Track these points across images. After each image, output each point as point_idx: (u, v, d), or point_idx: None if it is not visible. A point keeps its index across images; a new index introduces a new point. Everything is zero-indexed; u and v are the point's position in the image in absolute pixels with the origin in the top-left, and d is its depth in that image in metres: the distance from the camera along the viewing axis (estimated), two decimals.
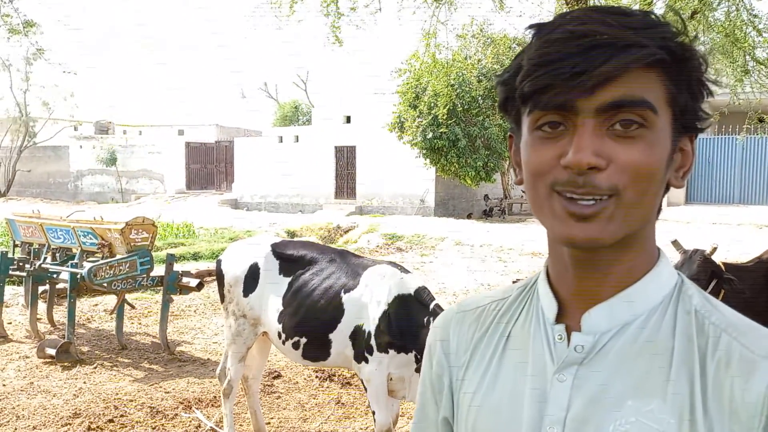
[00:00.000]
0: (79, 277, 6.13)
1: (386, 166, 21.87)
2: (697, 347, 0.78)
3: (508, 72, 0.82)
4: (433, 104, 16.45)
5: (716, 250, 4.07)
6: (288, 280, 3.92)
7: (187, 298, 8.46)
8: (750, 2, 8.44)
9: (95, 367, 5.95)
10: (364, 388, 3.68)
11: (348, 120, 23.59)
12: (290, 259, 4.00)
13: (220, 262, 4.25)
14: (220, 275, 4.21)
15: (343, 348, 3.68)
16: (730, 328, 0.78)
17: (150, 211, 19.32)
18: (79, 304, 7.73)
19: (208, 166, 30.97)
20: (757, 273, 4.25)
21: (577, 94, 0.74)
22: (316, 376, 5.70)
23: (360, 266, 3.81)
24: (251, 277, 4.03)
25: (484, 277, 10.65)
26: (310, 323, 3.75)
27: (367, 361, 3.57)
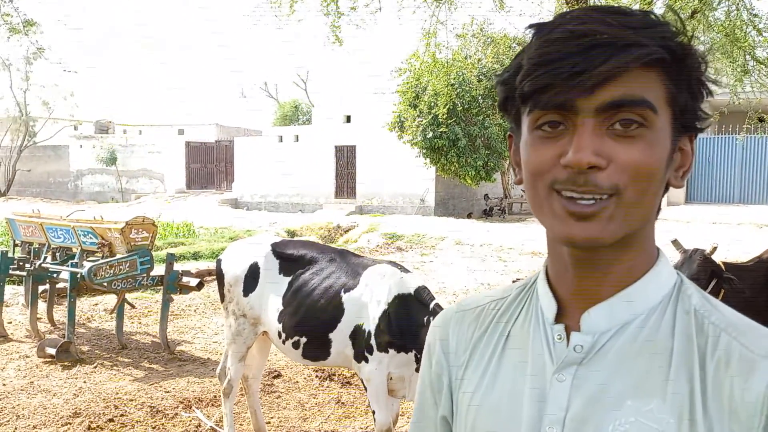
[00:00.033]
0: (79, 276, 6.14)
1: (386, 165, 21.87)
2: (696, 347, 0.78)
3: (507, 72, 0.82)
4: (433, 104, 16.43)
5: (716, 249, 4.06)
6: (288, 279, 3.92)
7: (187, 298, 8.46)
8: (750, 2, 8.45)
9: (95, 367, 5.95)
10: (364, 388, 3.68)
11: (348, 119, 23.59)
12: (290, 259, 4.00)
13: (220, 262, 4.26)
14: (220, 275, 4.21)
15: (343, 347, 3.68)
16: (729, 328, 0.78)
17: (150, 211, 19.33)
18: (79, 304, 7.73)
19: (208, 166, 30.97)
20: (757, 272, 4.25)
21: (576, 94, 0.74)
22: (316, 376, 5.70)
23: (360, 266, 3.81)
24: (251, 277, 4.03)
25: (484, 276, 10.65)
26: (310, 323, 3.75)
27: (367, 360, 3.57)
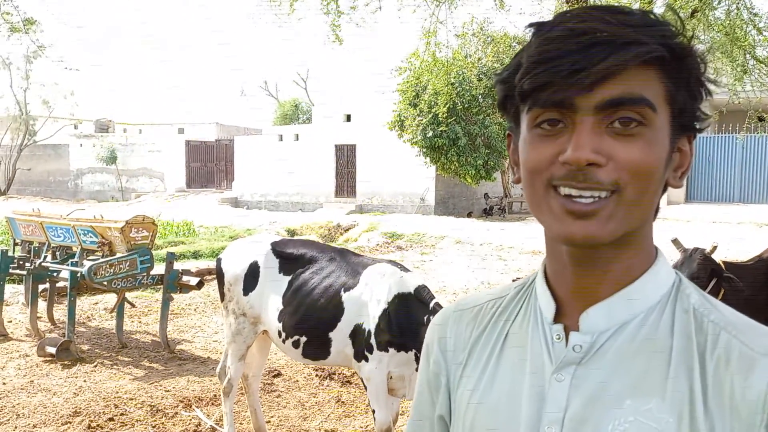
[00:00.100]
0: (79, 275, 6.14)
1: (386, 164, 21.86)
2: (696, 345, 0.77)
3: (507, 70, 0.82)
4: (434, 103, 16.42)
5: (716, 248, 4.06)
6: (288, 278, 3.92)
7: (188, 297, 8.46)
8: (750, 1, 8.43)
9: (95, 366, 5.95)
10: (364, 387, 3.68)
11: (348, 118, 23.58)
12: (290, 258, 4.00)
13: (220, 261, 4.26)
14: (220, 274, 4.21)
15: (343, 346, 3.68)
16: (729, 326, 0.78)
17: (150, 210, 19.34)
18: (80, 303, 7.74)
19: (209, 165, 30.97)
20: (757, 271, 4.25)
21: (576, 92, 0.74)
22: (316, 375, 5.70)
23: (360, 265, 3.81)
24: (251, 276, 4.03)
25: (485, 275, 10.64)
26: (310, 322, 3.74)
27: (367, 359, 3.57)
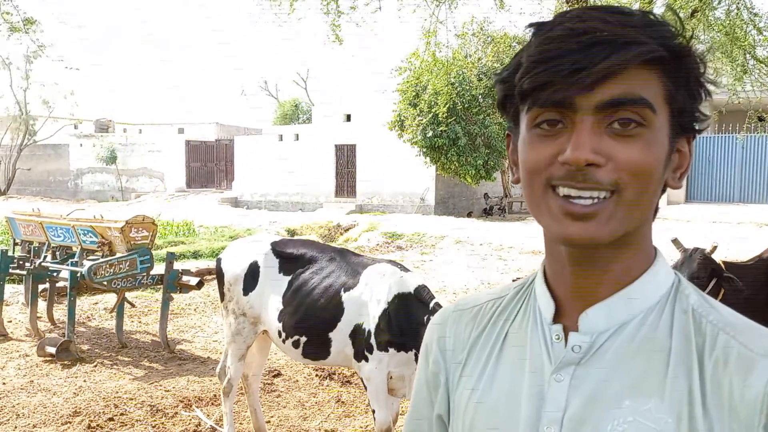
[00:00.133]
0: (79, 275, 6.13)
1: (386, 164, 21.86)
2: (694, 346, 0.77)
3: (507, 70, 0.82)
4: (434, 102, 16.43)
5: (716, 248, 4.06)
6: (288, 278, 3.91)
7: (187, 297, 8.46)
8: (750, 1, 8.44)
9: (95, 366, 5.95)
10: (364, 387, 3.68)
11: (348, 118, 23.59)
12: (290, 258, 4.00)
13: (220, 261, 4.26)
14: (220, 274, 4.21)
15: (343, 346, 3.68)
16: (727, 327, 0.78)
17: (150, 210, 19.35)
18: (79, 303, 7.74)
19: (209, 165, 30.98)
20: (757, 271, 4.25)
21: (576, 91, 0.74)
22: (316, 375, 5.70)
23: (360, 265, 3.80)
24: (251, 276, 4.03)
25: (485, 275, 10.64)
26: (310, 322, 3.74)
27: (367, 359, 3.57)
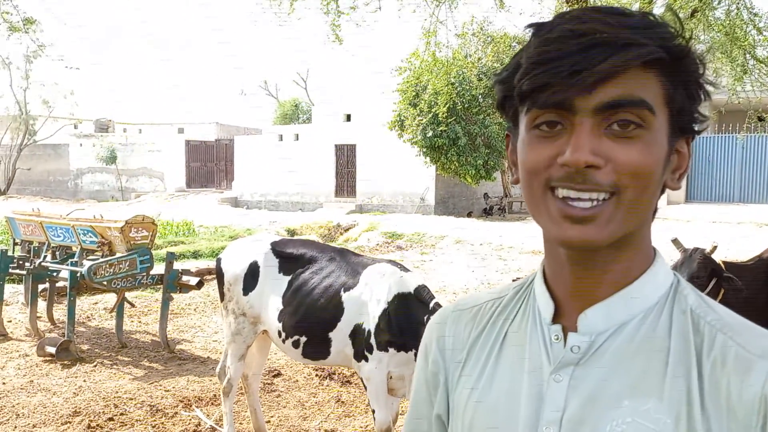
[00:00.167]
0: (79, 275, 6.13)
1: (386, 164, 21.87)
2: (693, 346, 0.78)
3: (506, 71, 0.82)
4: (434, 102, 16.42)
5: (716, 248, 4.06)
6: (288, 278, 3.92)
7: (187, 297, 8.46)
8: (750, 1, 8.43)
9: (95, 366, 5.95)
10: (364, 387, 3.68)
11: (348, 118, 23.59)
12: (290, 258, 4.00)
13: (219, 261, 4.26)
14: (219, 273, 4.21)
15: (343, 346, 3.68)
16: (725, 328, 0.78)
17: (150, 210, 19.35)
18: (79, 303, 7.74)
19: (208, 165, 30.98)
20: (757, 271, 4.25)
21: (575, 93, 0.74)
22: (316, 375, 5.70)
23: (360, 265, 3.81)
24: (251, 276, 4.03)
25: (485, 275, 10.64)
26: (310, 322, 3.75)
27: (366, 359, 3.57)
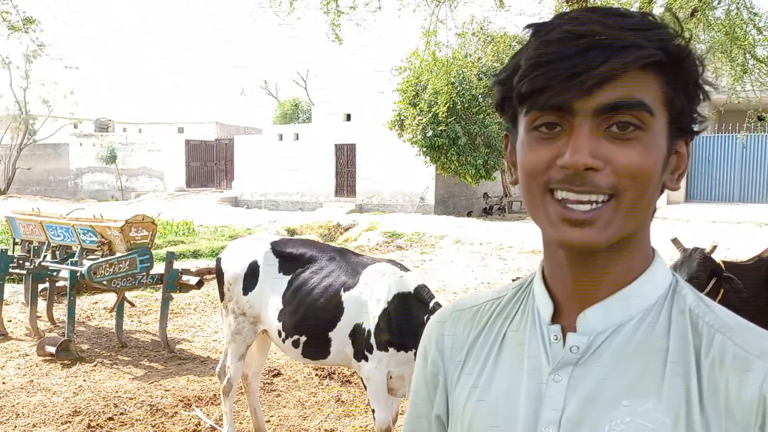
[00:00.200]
0: (78, 275, 6.13)
1: (386, 164, 21.86)
2: (692, 346, 0.78)
3: (505, 71, 0.82)
4: (434, 102, 16.41)
5: (716, 248, 4.06)
6: (288, 278, 3.92)
7: (187, 296, 8.46)
8: (750, 1, 8.43)
9: (95, 365, 5.95)
10: (364, 386, 3.69)
11: (348, 118, 23.59)
12: (290, 257, 4.00)
13: (219, 260, 4.26)
14: (219, 273, 4.21)
15: (343, 346, 3.69)
16: (723, 328, 0.78)
17: (150, 209, 19.35)
18: (79, 302, 7.74)
19: (208, 164, 30.98)
20: (757, 271, 4.25)
21: (574, 95, 0.74)
22: (316, 374, 5.70)
23: (360, 264, 3.81)
24: (251, 275, 4.03)
25: (484, 275, 10.64)
26: (310, 321, 3.75)
27: (366, 359, 3.58)
